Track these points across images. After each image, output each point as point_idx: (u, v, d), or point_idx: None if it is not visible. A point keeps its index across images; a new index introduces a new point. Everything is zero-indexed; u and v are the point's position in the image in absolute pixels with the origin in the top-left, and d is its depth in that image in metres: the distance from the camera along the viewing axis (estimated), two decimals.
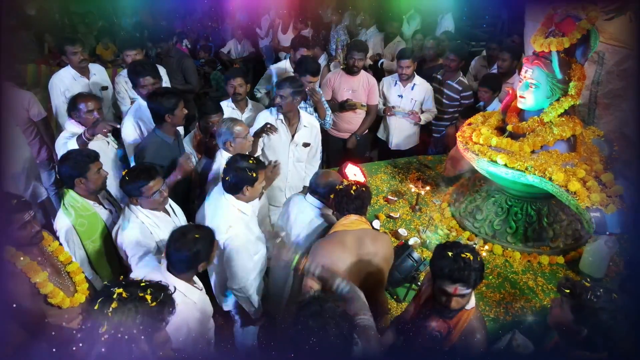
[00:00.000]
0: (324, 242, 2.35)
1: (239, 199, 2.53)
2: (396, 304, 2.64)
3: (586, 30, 2.54)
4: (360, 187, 2.42)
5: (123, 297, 1.53)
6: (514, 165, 2.68)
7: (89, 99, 3.17)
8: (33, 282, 2.11)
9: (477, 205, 3.18)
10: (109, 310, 1.49)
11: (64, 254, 2.31)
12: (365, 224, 2.39)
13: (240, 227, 2.50)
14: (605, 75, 3.29)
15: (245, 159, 2.50)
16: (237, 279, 2.52)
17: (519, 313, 2.57)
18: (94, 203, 2.63)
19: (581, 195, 2.46)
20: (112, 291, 1.54)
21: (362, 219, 2.39)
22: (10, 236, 2.07)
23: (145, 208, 2.49)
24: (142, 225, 2.47)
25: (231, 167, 2.48)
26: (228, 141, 2.94)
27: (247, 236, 2.52)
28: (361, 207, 2.41)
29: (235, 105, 3.79)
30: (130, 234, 2.44)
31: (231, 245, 2.47)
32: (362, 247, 2.29)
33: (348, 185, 2.43)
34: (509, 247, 2.99)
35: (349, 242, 2.29)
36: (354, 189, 2.39)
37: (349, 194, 2.38)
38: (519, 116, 2.96)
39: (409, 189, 3.67)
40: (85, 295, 2.37)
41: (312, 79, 3.68)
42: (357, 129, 4.35)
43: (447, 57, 4.45)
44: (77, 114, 3.13)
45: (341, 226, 2.35)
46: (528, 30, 3.92)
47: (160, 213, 2.58)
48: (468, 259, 1.77)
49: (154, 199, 2.47)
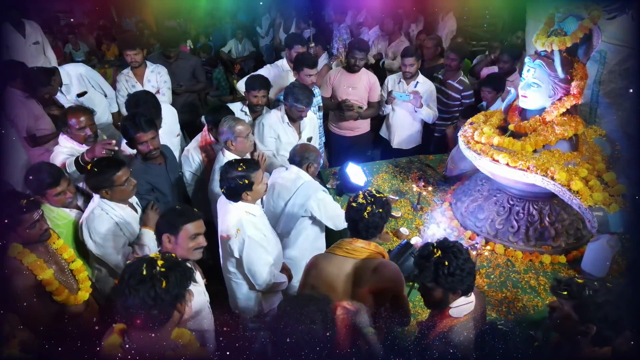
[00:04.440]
0: (323, 262, 2.18)
1: (245, 201, 2.55)
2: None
3: (588, 29, 2.54)
4: (376, 207, 2.10)
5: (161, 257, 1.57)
6: (516, 164, 2.68)
7: (80, 114, 3.01)
8: (39, 279, 2.12)
9: (478, 205, 3.18)
10: (159, 269, 1.50)
11: (68, 252, 2.33)
12: (372, 252, 2.13)
13: (249, 229, 2.50)
14: (607, 74, 3.29)
15: (235, 167, 2.46)
16: (262, 279, 2.55)
17: (521, 312, 2.58)
18: (70, 210, 2.60)
19: (584, 195, 2.46)
20: (148, 257, 1.56)
21: (371, 245, 2.14)
22: (19, 234, 2.09)
23: (115, 200, 2.50)
24: (112, 220, 2.50)
25: (223, 178, 2.49)
26: (229, 140, 2.95)
27: (258, 236, 2.53)
28: (373, 234, 2.15)
29: (250, 112, 3.77)
30: (103, 227, 2.46)
31: (246, 249, 2.50)
32: (361, 279, 2.09)
33: (361, 205, 2.11)
34: (510, 246, 2.99)
35: (344, 273, 2.10)
36: (368, 211, 2.08)
37: (361, 216, 2.09)
38: (521, 115, 2.96)
39: (410, 188, 3.68)
40: (88, 293, 2.38)
41: (310, 72, 3.75)
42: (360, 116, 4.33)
43: (448, 57, 4.45)
44: (68, 130, 2.99)
45: (343, 251, 2.13)
46: (530, 29, 3.92)
47: (127, 207, 2.60)
48: (433, 253, 1.79)
49: (125, 188, 2.49)
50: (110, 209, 2.51)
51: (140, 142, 2.81)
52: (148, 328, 1.52)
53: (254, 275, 2.56)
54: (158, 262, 1.53)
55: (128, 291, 1.48)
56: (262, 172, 2.63)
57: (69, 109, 3.10)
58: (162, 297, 1.48)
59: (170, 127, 3.64)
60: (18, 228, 2.08)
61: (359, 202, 2.13)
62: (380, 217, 2.12)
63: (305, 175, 2.95)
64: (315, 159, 2.97)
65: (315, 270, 2.18)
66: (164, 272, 1.51)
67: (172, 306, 1.55)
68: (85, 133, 3.02)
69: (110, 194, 2.47)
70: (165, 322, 1.56)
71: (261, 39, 7.77)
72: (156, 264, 1.52)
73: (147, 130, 2.79)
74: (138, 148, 2.86)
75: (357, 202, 2.14)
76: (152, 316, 1.50)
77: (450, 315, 1.87)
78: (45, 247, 2.24)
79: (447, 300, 1.85)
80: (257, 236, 2.51)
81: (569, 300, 1.67)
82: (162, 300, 1.49)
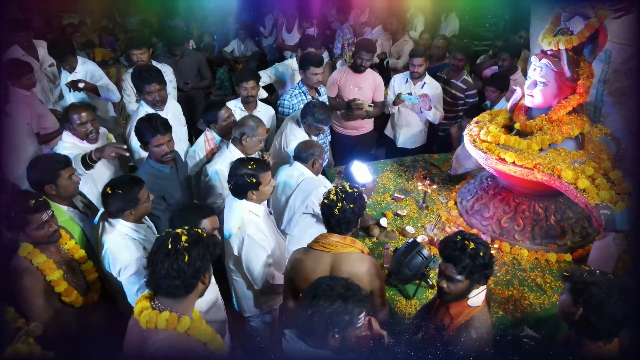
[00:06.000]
0: (301, 256, 2.24)
1: (250, 200, 2.56)
2: (405, 301, 2.66)
3: (595, 28, 2.55)
4: (347, 203, 2.12)
5: (187, 232, 1.66)
6: (522, 162, 2.69)
7: (81, 109, 2.99)
8: (48, 280, 2.14)
9: (484, 203, 3.20)
10: (183, 244, 1.60)
11: (79, 253, 2.34)
12: (347, 247, 2.17)
13: (250, 228, 2.51)
14: (612, 73, 3.31)
15: (245, 165, 2.47)
16: (259, 279, 2.56)
17: (528, 310, 2.59)
18: (68, 208, 2.53)
19: (590, 193, 2.48)
20: (174, 232, 1.65)
21: (346, 240, 2.18)
22: (28, 234, 2.10)
23: (134, 220, 2.37)
24: (132, 241, 2.36)
25: (232, 174, 2.51)
26: (246, 135, 3.00)
27: (258, 237, 2.54)
28: (347, 229, 2.18)
29: (244, 106, 3.81)
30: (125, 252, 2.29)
31: (245, 247, 2.52)
32: (337, 273, 2.10)
33: (332, 201, 2.14)
34: (516, 244, 3.01)
35: (321, 267, 2.14)
36: (338, 207, 2.11)
37: (332, 212, 2.13)
38: (527, 114, 2.97)
39: (415, 186, 3.69)
40: (97, 295, 2.39)
41: (316, 70, 3.78)
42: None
43: (454, 57, 4.47)
44: (69, 126, 2.98)
45: (319, 245, 2.19)
46: (534, 29, 3.93)
47: (144, 225, 2.49)
48: (467, 245, 1.82)
49: (148, 204, 2.43)
50: (134, 232, 2.38)
51: (156, 145, 2.79)
52: (173, 296, 1.64)
53: (251, 274, 2.57)
54: (182, 238, 1.62)
55: (154, 263, 1.60)
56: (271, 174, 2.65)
57: (70, 106, 3.09)
58: (185, 269, 1.59)
59: (177, 116, 3.65)
60: (26, 228, 2.08)
61: (330, 198, 2.17)
62: (352, 212, 2.15)
63: (308, 172, 2.98)
64: (320, 155, 3.00)
65: (294, 263, 2.25)
66: (187, 247, 1.61)
67: (195, 278, 1.64)
68: (86, 128, 2.99)
69: (134, 213, 2.35)
70: (189, 292, 1.66)
71: (264, 38, 7.78)
72: (180, 239, 1.62)
73: (164, 133, 2.79)
74: (153, 150, 2.82)
75: (329, 198, 2.18)
76: (177, 286, 1.61)
77: (470, 305, 1.90)
78: (56, 248, 2.25)
79: (470, 291, 1.88)
80: (257, 236, 2.53)
81: (567, 282, 1.74)
82: (184, 273, 1.59)
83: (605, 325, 1.62)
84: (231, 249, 2.58)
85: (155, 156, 2.85)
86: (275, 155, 3.55)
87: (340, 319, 1.59)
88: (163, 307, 1.65)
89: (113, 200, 2.29)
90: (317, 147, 3.02)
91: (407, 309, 2.60)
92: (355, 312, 1.62)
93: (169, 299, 1.65)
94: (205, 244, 1.66)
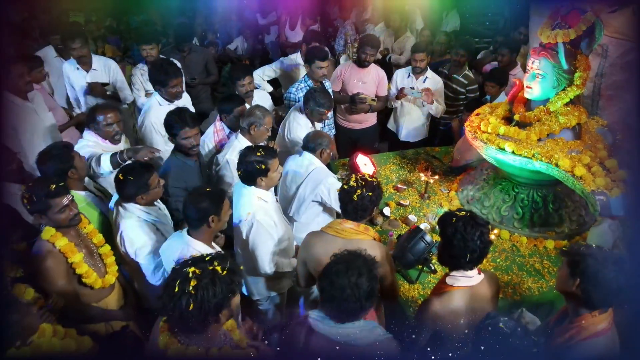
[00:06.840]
0: (314, 239, 2.33)
1: (259, 187, 2.65)
2: (408, 285, 2.76)
3: (591, 22, 2.65)
4: (366, 191, 2.21)
5: (198, 274, 1.57)
6: (522, 152, 2.79)
7: (108, 110, 3.04)
8: (70, 262, 2.24)
9: (484, 193, 3.30)
10: (189, 289, 1.53)
11: (97, 237, 2.44)
12: (360, 234, 2.24)
13: (260, 214, 2.60)
14: (608, 67, 3.39)
15: (254, 152, 2.57)
16: (265, 264, 2.65)
17: (526, 293, 2.69)
18: (85, 193, 2.66)
19: (587, 180, 2.58)
20: (186, 271, 1.58)
21: (360, 227, 2.26)
22: (50, 218, 2.19)
23: (145, 204, 2.53)
24: (146, 223, 2.54)
25: (242, 161, 2.60)
26: (254, 125, 3.10)
27: (267, 222, 2.63)
28: (362, 216, 2.27)
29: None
30: (140, 234, 2.48)
31: (253, 232, 2.60)
32: None
33: (352, 187, 2.23)
34: (515, 232, 3.11)
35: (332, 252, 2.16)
36: (358, 194, 2.19)
37: (350, 198, 2.22)
38: (526, 106, 3.07)
39: (417, 177, 3.79)
40: (115, 277, 2.49)
41: (322, 64, 3.87)
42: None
43: (456, 52, 4.57)
44: (95, 126, 3.02)
45: (333, 230, 2.27)
46: (533, 24, 4.02)
47: (155, 207, 2.66)
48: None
49: (158, 189, 2.57)
50: (147, 214, 2.55)
51: (185, 138, 2.89)
52: (191, 331, 1.61)
53: (256, 260, 2.66)
54: (191, 282, 1.54)
55: (164, 303, 1.57)
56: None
57: (97, 107, 3.14)
58: (192, 313, 1.53)
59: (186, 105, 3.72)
60: (48, 212, 2.18)
61: (350, 184, 2.26)
62: (370, 200, 2.22)
63: (317, 161, 3.07)
64: (328, 145, 3.10)
65: (307, 245, 2.34)
66: (194, 292, 1.54)
67: (214, 315, 1.59)
68: (113, 129, 3.05)
69: (146, 197, 2.50)
70: (207, 327, 1.62)
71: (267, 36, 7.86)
72: (189, 283, 1.55)
73: (193, 127, 2.90)
74: (182, 143, 2.92)
75: (349, 184, 2.26)
76: (193, 326, 1.57)
77: (446, 282, 2.01)
78: (76, 231, 2.35)
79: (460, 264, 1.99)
80: (266, 222, 2.62)
81: (566, 255, 1.85)
82: (192, 315, 1.54)
83: (601, 295, 1.72)
84: (240, 234, 2.67)
85: (183, 148, 2.95)
86: (279, 143, 3.67)
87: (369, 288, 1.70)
88: (188, 341, 1.62)
89: (125, 185, 2.45)
90: (325, 137, 3.11)
91: (410, 292, 2.71)
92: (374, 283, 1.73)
93: (191, 334, 1.63)
94: (222, 281, 1.59)
